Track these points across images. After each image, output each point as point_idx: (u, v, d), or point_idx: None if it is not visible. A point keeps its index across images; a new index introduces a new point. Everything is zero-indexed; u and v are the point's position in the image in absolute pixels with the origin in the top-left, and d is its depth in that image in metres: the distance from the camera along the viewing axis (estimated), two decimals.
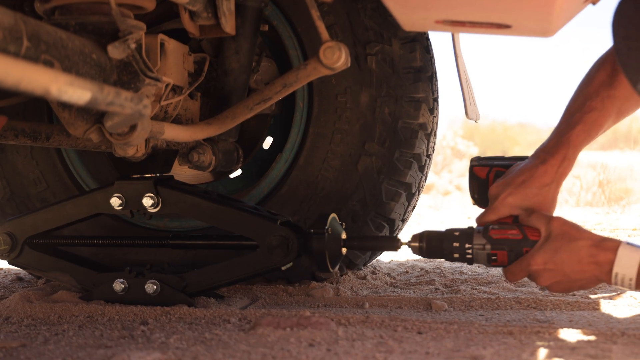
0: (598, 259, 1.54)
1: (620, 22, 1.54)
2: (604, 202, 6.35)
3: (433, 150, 2.31)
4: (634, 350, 1.38)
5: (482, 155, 1.92)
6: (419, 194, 2.31)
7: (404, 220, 2.30)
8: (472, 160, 1.89)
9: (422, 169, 2.24)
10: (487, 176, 1.84)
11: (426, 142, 2.22)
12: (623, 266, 1.52)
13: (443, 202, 7.17)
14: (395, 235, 2.27)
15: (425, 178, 2.32)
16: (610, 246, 1.54)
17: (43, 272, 2.03)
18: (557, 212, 1.71)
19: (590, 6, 1.60)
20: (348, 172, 2.14)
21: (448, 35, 2.29)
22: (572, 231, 1.59)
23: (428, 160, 2.28)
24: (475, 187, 1.86)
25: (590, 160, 9.60)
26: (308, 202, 2.16)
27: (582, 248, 1.56)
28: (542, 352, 1.37)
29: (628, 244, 1.53)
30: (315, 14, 1.72)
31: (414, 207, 2.34)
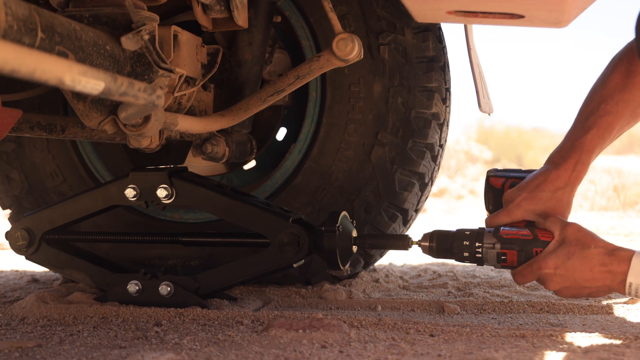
0: (611, 268, 1.54)
1: None
2: (618, 206, 6.34)
3: (445, 141, 2.30)
4: None
5: (499, 167, 1.91)
6: (431, 184, 2.31)
7: (417, 211, 2.31)
8: (489, 171, 1.89)
9: (435, 158, 2.24)
10: (502, 186, 1.83)
11: (439, 131, 2.21)
12: (637, 276, 1.52)
13: (456, 206, 7.17)
14: (406, 233, 2.28)
15: (438, 168, 2.32)
16: (623, 256, 1.54)
17: (59, 269, 2.04)
18: (572, 216, 1.71)
19: (610, 16, 1.58)
20: (361, 162, 2.14)
21: (461, 26, 2.29)
22: (586, 238, 1.58)
23: (441, 150, 2.27)
24: (490, 197, 1.86)
25: (606, 164, 9.57)
26: (322, 192, 2.17)
27: (594, 256, 1.55)
28: (554, 355, 1.37)
29: None
30: (327, 5, 1.73)
31: (426, 198, 2.34)
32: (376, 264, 2.73)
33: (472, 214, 6.12)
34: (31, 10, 1.08)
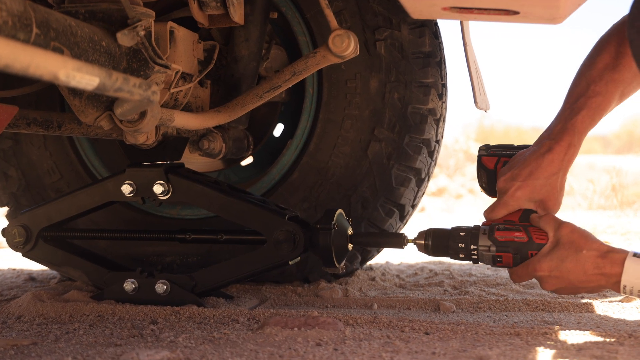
0: (604, 271, 1.54)
1: (637, 15, 1.53)
2: (616, 205, 6.37)
3: (442, 136, 2.31)
4: None
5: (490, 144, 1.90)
6: (428, 179, 2.31)
7: (413, 206, 2.31)
8: (481, 149, 1.87)
9: (432, 154, 2.25)
10: (495, 167, 1.83)
11: (435, 127, 2.22)
12: (631, 278, 1.51)
13: (455, 205, 7.19)
14: (401, 232, 2.28)
15: (435, 164, 2.32)
16: (617, 258, 1.53)
17: (56, 267, 2.04)
18: (571, 216, 1.71)
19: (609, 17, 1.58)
20: (358, 157, 2.14)
21: (457, 22, 2.29)
22: (580, 240, 1.58)
23: (437, 145, 2.28)
24: (483, 177, 1.86)
25: (605, 164, 9.59)
26: (318, 188, 2.17)
27: (588, 259, 1.55)
28: (548, 353, 1.38)
29: (635, 255, 1.53)
30: (323, 1, 1.73)
31: (423, 193, 2.34)
32: (373, 262, 2.74)
33: (471, 213, 6.13)
34: (26, 6, 1.08)
